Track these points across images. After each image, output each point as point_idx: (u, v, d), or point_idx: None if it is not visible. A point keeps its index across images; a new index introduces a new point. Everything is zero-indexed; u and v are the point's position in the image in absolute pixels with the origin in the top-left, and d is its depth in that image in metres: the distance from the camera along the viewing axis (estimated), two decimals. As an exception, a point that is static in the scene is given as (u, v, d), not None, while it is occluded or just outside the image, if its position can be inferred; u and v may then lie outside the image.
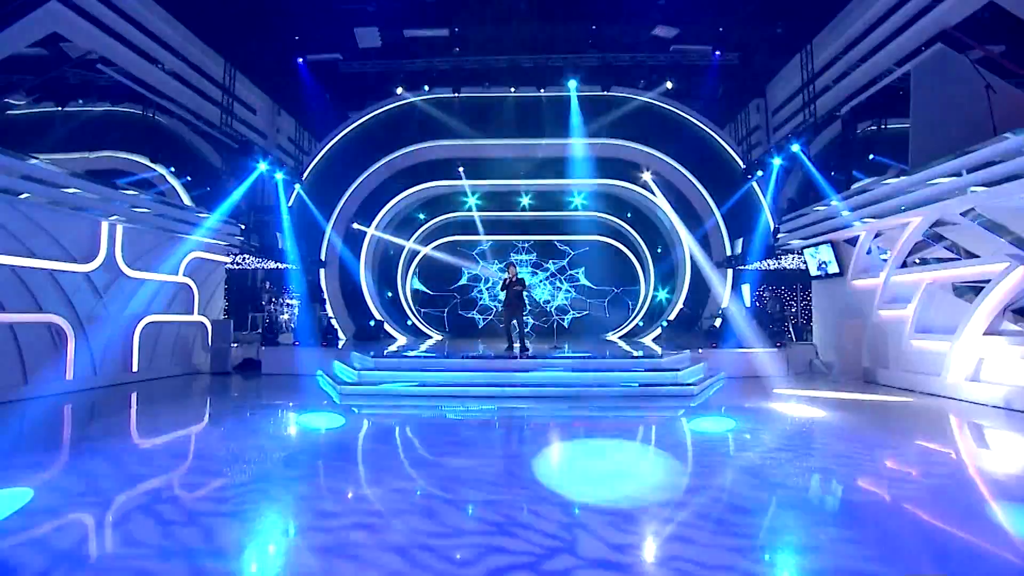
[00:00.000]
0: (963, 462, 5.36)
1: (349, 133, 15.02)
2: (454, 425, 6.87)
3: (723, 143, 14.59)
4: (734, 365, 10.99)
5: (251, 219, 13.54)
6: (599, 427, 6.85)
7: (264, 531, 3.53)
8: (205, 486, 4.41)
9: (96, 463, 4.94)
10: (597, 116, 14.60)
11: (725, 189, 14.44)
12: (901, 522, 3.73)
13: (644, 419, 7.40)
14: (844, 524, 3.67)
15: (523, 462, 5.06)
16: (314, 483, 4.55)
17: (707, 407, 7.96)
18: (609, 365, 9.36)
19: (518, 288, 10.21)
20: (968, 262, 8.46)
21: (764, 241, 13.54)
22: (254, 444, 5.68)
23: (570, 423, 7.04)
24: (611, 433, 6.47)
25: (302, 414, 7.53)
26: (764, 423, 6.83)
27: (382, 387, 8.64)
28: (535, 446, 5.78)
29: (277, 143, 15.16)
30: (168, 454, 5.44)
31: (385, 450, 5.78)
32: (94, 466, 4.85)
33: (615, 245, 18.38)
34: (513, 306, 10.38)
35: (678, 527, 3.59)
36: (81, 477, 4.56)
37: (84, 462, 5.01)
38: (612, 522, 3.62)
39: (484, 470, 4.77)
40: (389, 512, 3.83)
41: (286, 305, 14.05)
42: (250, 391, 9.45)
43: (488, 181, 16.28)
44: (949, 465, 5.20)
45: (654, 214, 16.82)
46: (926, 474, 4.82)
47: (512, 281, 10.27)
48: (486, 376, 8.90)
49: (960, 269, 8.64)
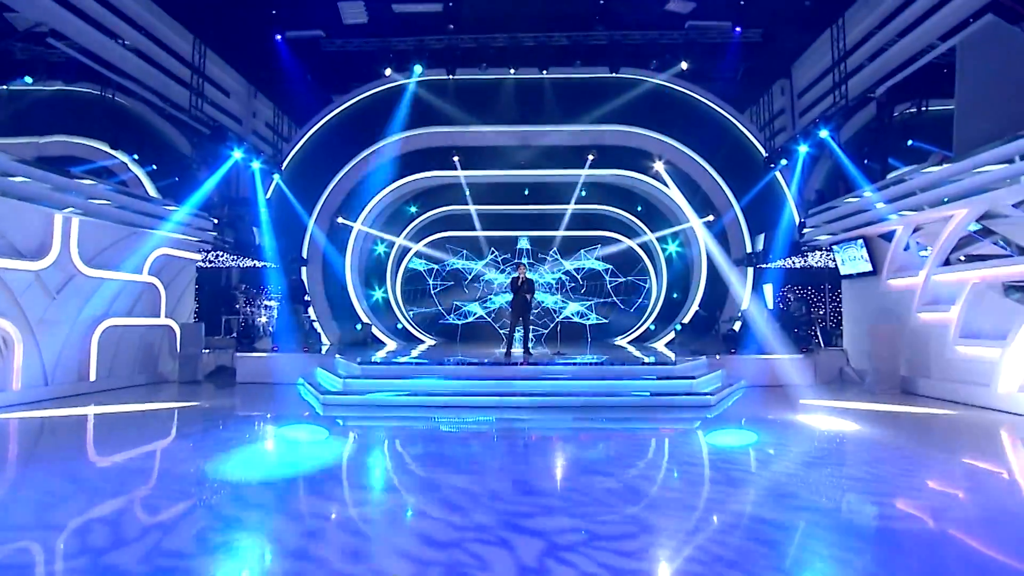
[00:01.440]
0: (1018, 483, 5.18)
1: (333, 118, 14.93)
2: (449, 439, 6.83)
3: (743, 129, 14.48)
4: (755, 373, 10.90)
5: (225, 212, 13.33)
6: (607, 440, 6.78)
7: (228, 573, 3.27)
8: (163, 512, 4.18)
9: (34, 486, 4.66)
10: (605, 100, 14.49)
11: (745, 180, 14.34)
12: (948, 553, 3.58)
13: (656, 432, 7.36)
14: (883, 556, 3.50)
15: (525, 482, 4.93)
16: (292, 508, 4.35)
17: (726, 419, 7.90)
18: (617, 372, 9.33)
19: (526, 290, 10.30)
20: (1021, 259, 8.25)
21: (788, 237, 13.40)
22: (225, 462, 5.53)
23: (575, 436, 7.01)
24: (620, 447, 6.38)
25: (281, 427, 7.43)
26: (790, 437, 6.73)
27: (369, 397, 8.61)
28: (537, 463, 5.68)
29: (253, 129, 15.08)
30: (123, 476, 5.20)
31: (372, 468, 5.68)
32: (30, 491, 4.58)
33: (624, 241, 18.29)
34: (520, 308, 10.46)
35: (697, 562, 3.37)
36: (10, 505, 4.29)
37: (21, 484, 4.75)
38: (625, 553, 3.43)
39: (483, 492, 4.64)
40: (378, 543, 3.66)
41: (264, 307, 14.11)
42: (223, 402, 9.39)
43: (485, 172, 16.18)
44: (1002, 486, 5.04)
45: (667, 207, 16.69)
46: (976, 497, 4.69)
47: (521, 282, 10.34)
48: (483, 384, 8.87)
49: (1012, 267, 8.42)
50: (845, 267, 11.93)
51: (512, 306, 10.66)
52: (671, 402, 8.57)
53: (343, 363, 9.94)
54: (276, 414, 8.56)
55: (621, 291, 18.11)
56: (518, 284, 10.48)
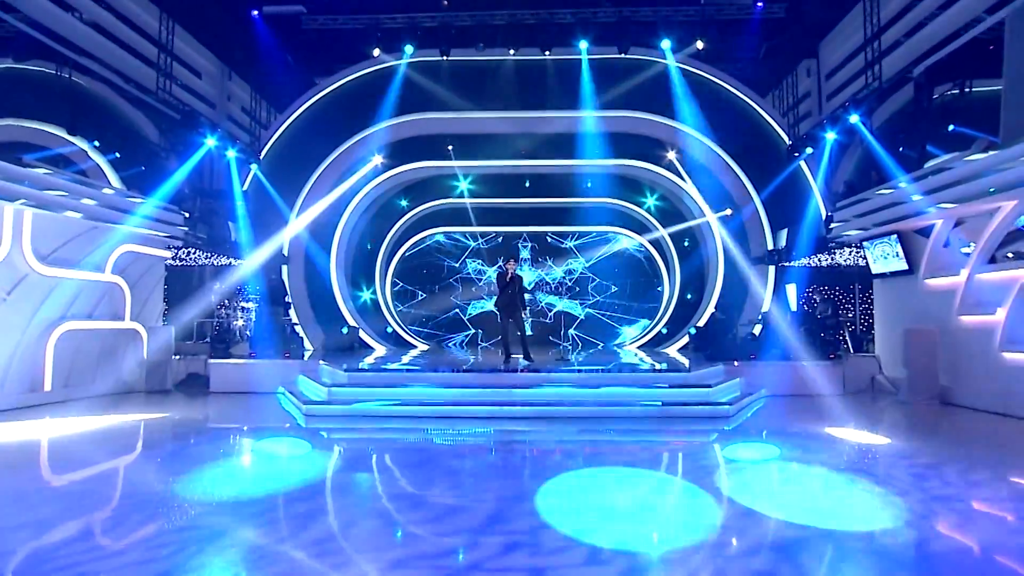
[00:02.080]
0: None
1: (316, 103, 14.73)
2: (443, 453, 6.84)
3: (765, 115, 14.29)
4: (777, 381, 10.89)
5: (197, 206, 13.06)
6: (615, 455, 6.78)
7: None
8: (121, 540, 3.99)
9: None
10: (613, 83, 14.36)
11: (767, 170, 14.16)
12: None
13: (669, 445, 7.38)
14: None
15: (527, 503, 4.84)
16: (268, 535, 4.16)
17: (745, 431, 7.90)
18: (626, 380, 9.39)
19: (515, 287, 10.19)
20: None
21: (814, 232, 13.25)
22: (196, 481, 5.40)
23: (581, 450, 7.02)
24: (630, 462, 6.38)
25: (258, 440, 7.40)
26: (816, 452, 6.65)
27: (356, 407, 8.65)
28: (539, 480, 5.54)
29: (228, 114, 14.95)
30: (77, 498, 4.98)
31: (359, 485, 5.60)
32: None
33: (633, 237, 18.18)
34: (510, 308, 10.31)
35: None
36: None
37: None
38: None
39: (481, 514, 4.57)
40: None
41: (240, 309, 13.76)
42: (194, 413, 9.36)
43: (482, 162, 16.06)
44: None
45: (680, 200, 16.57)
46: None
47: (509, 278, 10.20)
48: (481, 393, 8.90)
49: (1066, 265, 8.18)
50: (877, 265, 11.82)
51: (500, 307, 10.40)
52: (685, 412, 8.58)
53: (327, 370, 10.00)
54: (253, 426, 8.53)
55: (630, 292, 18.00)
56: (506, 280, 10.22)
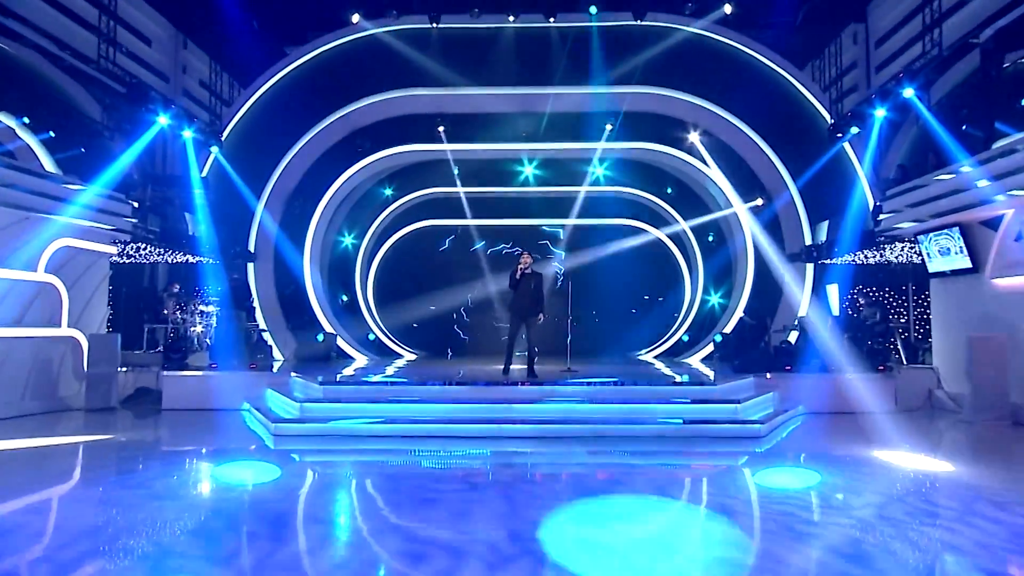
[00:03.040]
0: None
1: (286, 77, 14.58)
2: (432, 479, 6.83)
3: (803, 89, 14.12)
4: (817, 396, 10.69)
5: (148, 194, 12.82)
6: (629, 481, 6.72)
7: None
8: None
9: None
10: (627, 55, 14.16)
11: (805, 153, 13.99)
12: None
13: (691, 470, 7.38)
14: None
15: (529, 541, 4.71)
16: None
17: (780, 454, 7.91)
18: (641, 395, 9.37)
19: (532, 285, 10.03)
20: None
21: (860, 225, 12.98)
22: (144, 515, 5.22)
23: (590, 475, 7.03)
24: (647, 489, 6.29)
25: (219, 465, 7.28)
26: (864, 480, 6.47)
27: (333, 425, 8.66)
28: (543, 510, 5.45)
29: (184, 88, 14.72)
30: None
31: (335, 517, 5.54)
32: None
33: (650, 232, 18.23)
34: (523, 311, 10.09)
35: None
36: None
37: None
38: None
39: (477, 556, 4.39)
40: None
41: (199, 313, 13.48)
42: (144, 434, 9.33)
43: (478, 145, 15.95)
44: None
45: (704, 189, 16.46)
46: None
47: (524, 274, 10.01)
48: (476, 409, 8.89)
49: None
50: (935, 262, 11.55)
51: (513, 308, 10.13)
52: (709, 432, 8.57)
53: (300, 383, 10.03)
54: (213, 448, 8.40)
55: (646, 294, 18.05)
56: (516, 278, 9.96)
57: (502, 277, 11.93)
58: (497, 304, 17.72)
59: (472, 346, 17.90)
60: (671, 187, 17.18)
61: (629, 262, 17.92)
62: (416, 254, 18.33)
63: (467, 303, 18.18)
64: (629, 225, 18.18)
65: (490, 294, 18.03)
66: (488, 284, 18.04)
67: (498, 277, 17.38)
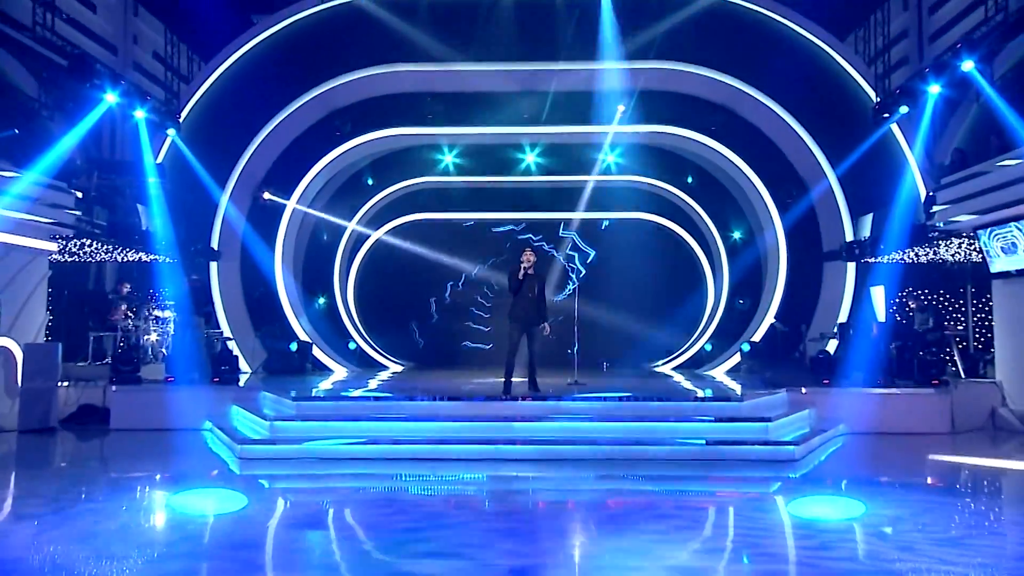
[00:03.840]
0: None
1: (254, 50, 14.40)
2: (421, 508, 6.85)
3: (844, 63, 13.96)
4: (860, 414, 10.49)
5: (94, 183, 12.66)
6: (645, 511, 6.61)
7: None
8: None
9: None
10: (643, 25, 13.99)
11: (845, 137, 13.84)
12: None
13: (715, 498, 7.43)
14: None
15: None
16: None
17: (818, 480, 7.93)
18: (658, 411, 9.36)
19: (535, 289, 10.00)
20: None
21: (909, 218, 12.88)
22: (85, 554, 5.04)
23: (600, 503, 7.07)
24: (664, 521, 6.15)
25: (176, 494, 7.07)
26: (920, 513, 6.24)
27: (308, 447, 8.60)
28: (547, 544, 5.52)
29: (135, 61, 14.61)
30: None
31: (309, 555, 5.46)
32: None
33: (668, 227, 18.27)
34: (526, 318, 10.05)
35: None
36: None
37: None
38: None
39: None
40: None
41: (154, 319, 13.52)
42: (88, 458, 9.38)
43: (473, 129, 15.98)
44: None
45: (729, 178, 16.40)
46: None
47: (527, 273, 9.92)
48: (471, 428, 8.96)
49: None
50: (998, 261, 11.31)
51: (513, 315, 10.00)
52: (736, 454, 8.49)
53: (271, 399, 10.07)
54: (169, 474, 8.44)
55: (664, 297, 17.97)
56: (520, 279, 9.80)
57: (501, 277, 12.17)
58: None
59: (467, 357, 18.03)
60: (692, 176, 17.08)
61: (643, 261, 17.88)
62: (404, 251, 18.28)
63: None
64: (644, 219, 18.19)
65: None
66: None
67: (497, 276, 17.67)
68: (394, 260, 18.37)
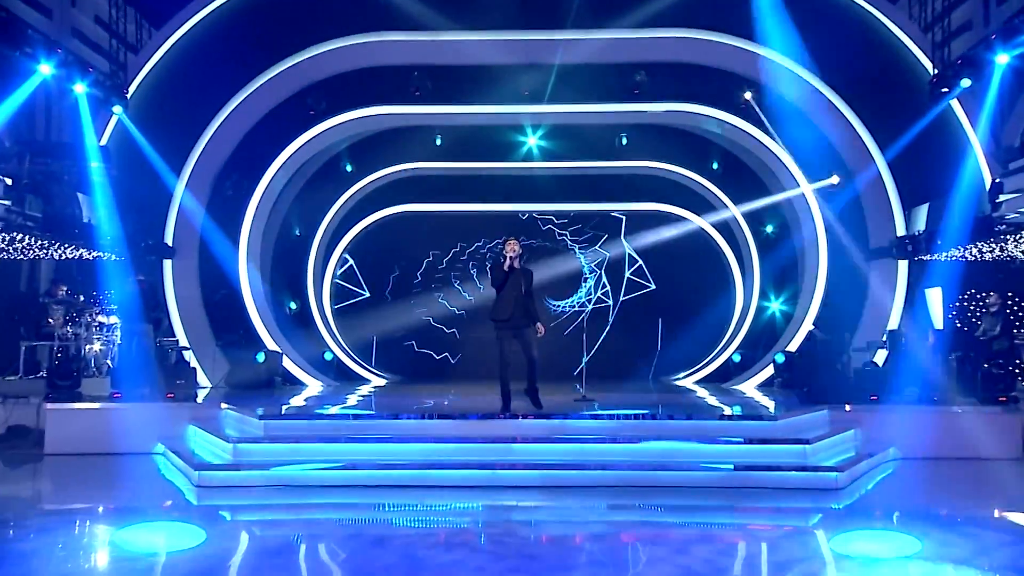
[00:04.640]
0: None
1: (214, 14, 14.30)
2: (406, 543, 6.72)
3: (896, 30, 13.84)
4: (914, 435, 10.41)
5: (25, 168, 12.58)
6: (664, 546, 6.60)
7: None
8: None
9: None
10: None
11: (896, 115, 13.75)
12: None
13: (745, 532, 7.27)
14: None
15: None
16: None
17: (866, 512, 7.89)
18: (679, 431, 9.47)
19: (521, 287, 9.76)
20: None
21: (972, 209, 12.82)
22: None
23: (614, 536, 7.17)
24: (685, 559, 6.05)
25: (121, 529, 7.00)
26: (983, 553, 6.17)
27: (277, 472, 8.63)
28: None
29: (74, 27, 14.45)
30: None
31: None
32: None
33: (691, 220, 18.17)
34: (514, 320, 9.83)
35: None
36: None
37: None
38: None
39: None
40: None
41: (96, 326, 13.53)
42: (18, 487, 9.18)
43: (467, 108, 15.90)
44: None
45: (762, 164, 16.34)
46: None
47: (511, 266, 9.65)
48: (464, 450, 8.98)
49: None
50: None
51: (496, 317, 9.77)
52: (770, 481, 8.47)
53: (234, 418, 10.22)
54: (114, 505, 8.35)
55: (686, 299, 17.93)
56: (503, 270, 9.56)
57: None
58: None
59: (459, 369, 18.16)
60: (717, 162, 17.06)
61: (663, 259, 18.14)
62: (388, 248, 18.32)
63: None
64: (662, 211, 18.20)
65: None
66: None
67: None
68: (376, 257, 18.38)
